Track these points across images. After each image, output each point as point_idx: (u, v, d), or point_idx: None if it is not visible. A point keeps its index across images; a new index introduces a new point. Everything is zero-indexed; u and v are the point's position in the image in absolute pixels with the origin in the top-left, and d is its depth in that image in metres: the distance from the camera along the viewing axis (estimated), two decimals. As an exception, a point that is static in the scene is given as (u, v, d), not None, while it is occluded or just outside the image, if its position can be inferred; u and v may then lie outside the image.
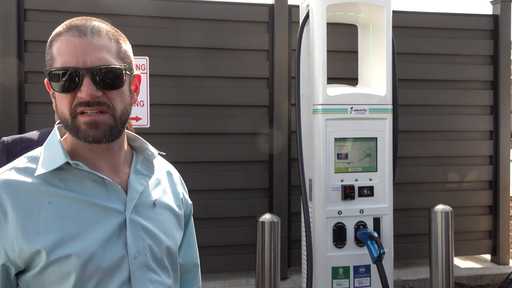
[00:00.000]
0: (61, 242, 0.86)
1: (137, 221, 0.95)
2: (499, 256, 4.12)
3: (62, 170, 0.92)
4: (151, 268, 0.96)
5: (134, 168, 1.01)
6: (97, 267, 0.88)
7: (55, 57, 0.90)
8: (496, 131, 4.14)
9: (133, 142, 1.06)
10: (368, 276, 2.78)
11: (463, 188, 4.13)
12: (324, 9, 2.73)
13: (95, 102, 0.88)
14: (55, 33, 0.92)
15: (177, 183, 1.14)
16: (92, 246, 0.88)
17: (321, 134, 2.74)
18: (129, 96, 0.97)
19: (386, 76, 2.82)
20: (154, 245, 0.97)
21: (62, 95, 0.90)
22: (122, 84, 0.92)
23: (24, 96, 3.39)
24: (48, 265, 0.86)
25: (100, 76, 0.88)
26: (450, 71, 4.07)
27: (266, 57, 3.79)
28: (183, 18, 3.64)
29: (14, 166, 0.92)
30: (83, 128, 0.89)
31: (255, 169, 3.78)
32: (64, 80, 0.88)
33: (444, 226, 3.04)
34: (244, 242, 3.70)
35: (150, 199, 1.00)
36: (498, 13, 4.14)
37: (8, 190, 0.87)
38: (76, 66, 0.87)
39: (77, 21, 0.91)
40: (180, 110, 3.65)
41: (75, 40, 0.88)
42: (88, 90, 0.87)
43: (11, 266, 0.87)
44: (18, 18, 3.38)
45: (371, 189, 2.79)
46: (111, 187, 0.94)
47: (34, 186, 0.89)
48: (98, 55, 0.88)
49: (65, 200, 0.90)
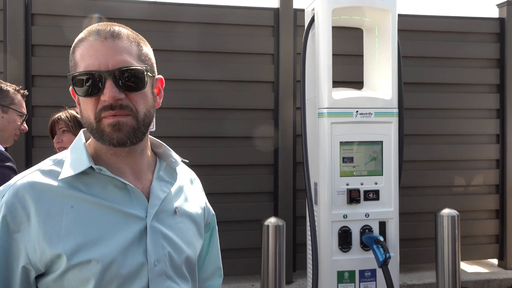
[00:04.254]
0: (81, 247, 0.86)
1: (157, 229, 0.94)
2: (506, 261, 4.09)
3: (85, 174, 0.91)
4: (169, 276, 0.95)
5: (157, 174, 1.00)
6: (116, 274, 0.87)
7: (78, 62, 0.90)
8: (502, 135, 4.12)
9: (157, 148, 1.06)
10: (374, 281, 2.77)
11: (470, 192, 4.10)
12: (330, 12, 2.74)
13: (118, 106, 0.88)
14: (77, 39, 0.92)
15: (199, 192, 1.14)
16: (112, 252, 0.87)
17: (326, 137, 2.74)
18: (152, 98, 0.96)
19: (392, 79, 2.82)
20: (174, 253, 0.96)
21: (86, 100, 0.90)
22: (144, 86, 0.92)
23: (31, 100, 3.41)
24: (68, 270, 0.85)
25: (122, 78, 0.88)
26: (456, 75, 4.05)
27: (272, 60, 3.80)
28: (188, 22, 3.66)
29: (39, 168, 0.92)
30: (108, 130, 0.89)
31: (260, 172, 3.78)
32: (87, 85, 0.88)
33: (451, 230, 3.02)
34: (249, 245, 3.69)
35: (171, 207, 0.99)
36: (504, 16, 4.13)
37: (32, 192, 0.87)
38: (98, 69, 0.87)
39: (98, 26, 0.92)
40: (185, 114, 3.66)
41: (96, 44, 0.89)
42: (110, 93, 0.87)
43: (32, 269, 0.86)
44: (25, 22, 3.41)
45: (376, 193, 2.78)
46: (133, 193, 0.94)
47: (57, 189, 0.89)
48: (119, 57, 0.89)
49: (87, 204, 0.89)
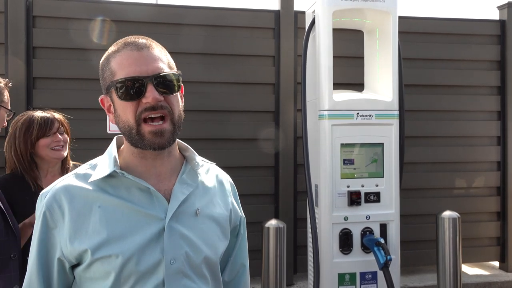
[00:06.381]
0: (104, 243, 0.96)
1: (176, 229, 1.00)
2: (508, 263, 4.07)
3: (113, 177, 1.01)
4: (187, 275, 1.00)
5: (180, 177, 1.07)
6: (133, 269, 0.96)
7: (115, 71, 1.00)
8: (503, 137, 4.11)
9: (184, 152, 1.13)
10: (375, 283, 2.76)
11: (471, 194, 4.09)
12: (330, 15, 2.74)
13: (159, 106, 0.98)
14: (112, 51, 1.03)
15: (228, 194, 1.18)
16: (131, 249, 0.96)
17: (327, 139, 2.74)
18: (181, 102, 1.07)
19: (392, 81, 2.82)
20: (191, 252, 1.02)
21: (126, 104, 0.99)
22: (177, 89, 1.04)
23: (33, 102, 3.42)
24: (92, 263, 0.96)
25: (161, 83, 0.99)
26: (456, 77, 4.05)
27: (272, 62, 3.80)
28: (190, 25, 3.67)
29: (76, 172, 1.05)
30: (148, 136, 0.99)
31: (261, 174, 3.78)
32: (130, 90, 0.97)
33: (452, 233, 3.02)
34: (249, 247, 3.65)
35: (193, 208, 1.05)
36: (505, 18, 4.12)
37: (67, 194, 1.00)
38: (139, 75, 0.97)
39: (129, 39, 1.03)
40: (186, 116, 3.64)
41: (134, 54, 0.99)
42: (153, 95, 0.96)
43: (65, 261, 0.99)
44: (27, 24, 3.42)
45: (377, 195, 2.78)
46: (155, 195, 1.01)
47: (88, 191, 1.00)
48: (156, 64, 1.00)
49: (112, 205, 0.99)
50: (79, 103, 3.42)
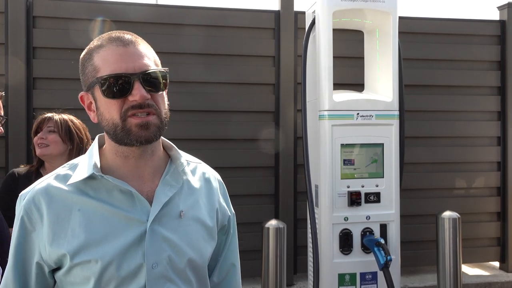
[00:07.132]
0: (83, 248, 0.93)
1: (158, 232, 0.96)
2: (508, 264, 4.07)
3: (93, 179, 0.97)
4: (170, 279, 0.96)
5: (163, 178, 1.03)
6: (114, 274, 0.92)
7: (99, 67, 0.95)
8: (503, 137, 4.11)
9: (169, 151, 1.09)
10: (375, 283, 2.76)
11: (471, 194, 4.09)
12: (330, 15, 2.74)
13: (146, 105, 0.94)
14: (94, 46, 0.98)
15: (215, 193, 1.13)
16: (111, 254, 0.92)
17: (327, 140, 2.74)
18: (167, 101, 1.02)
19: (393, 81, 2.82)
20: (175, 256, 0.98)
21: (111, 102, 0.94)
22: (165, 87, 0.99)
23: (33, 102, 3.42)
24: (71, 267, 0.93)
25: (148, 80, 0.95)
26: (456, 77, 4.05)
27: (272, 63, 3.80)
28: (189, 25, 3.67)
29: (57, 173, 1.01)
30: (135, 130, 0.94)
31: (260, 175, 3.77)
32: (115, 87, 0.93)
33: (452, 233, 3.02)
34: (249, 248, 3.68)
35: (176, 210, 1.01)
36: (505, 18, 4.12)
37: (46, 196, 0.96)
38: (126, 72, 0.93)
39: (114, 34, 0.98)
40: (186, 116, 3.66)
41: (120, 50, 0.95)
42: (140, 93, 0.93)
43: (44, 265, 0.95)
44: (27, 25, 3.42)
45: (377, 195, 2.78)
46: (137, 197, 0.97)
47: (67, 194, 0.96)
48: (142, 61, 0.96)
49: (92, 208, 0.95)
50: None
